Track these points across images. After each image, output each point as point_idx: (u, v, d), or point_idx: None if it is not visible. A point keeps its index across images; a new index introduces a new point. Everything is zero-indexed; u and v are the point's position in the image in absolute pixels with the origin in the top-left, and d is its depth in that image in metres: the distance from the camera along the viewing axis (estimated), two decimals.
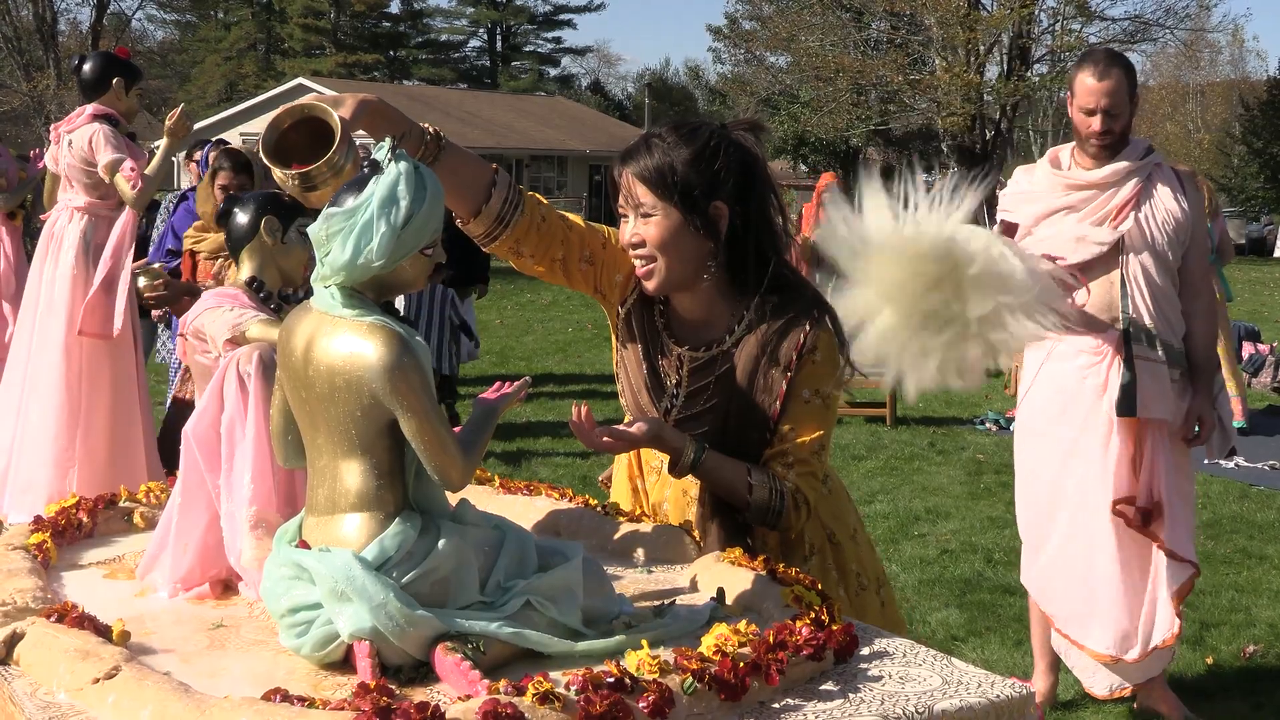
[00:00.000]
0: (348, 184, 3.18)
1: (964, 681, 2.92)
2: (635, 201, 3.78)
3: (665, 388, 3.94)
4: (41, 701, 2.84)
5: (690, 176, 3.73)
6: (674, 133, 3.79)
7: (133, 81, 8.73)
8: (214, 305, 4.63)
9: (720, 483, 3.82)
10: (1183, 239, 6.19)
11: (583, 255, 4.02)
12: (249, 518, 3.67)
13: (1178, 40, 53.11)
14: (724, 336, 3.88)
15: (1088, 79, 6.19)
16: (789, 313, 3.84)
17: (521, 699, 2.58)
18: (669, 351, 3.96)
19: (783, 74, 54.70)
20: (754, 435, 3.86)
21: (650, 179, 3.75)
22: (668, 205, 3.74)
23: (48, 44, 55.24)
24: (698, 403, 3.89)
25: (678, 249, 3.78)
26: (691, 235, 3.77)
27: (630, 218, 3.82)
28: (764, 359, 3.83)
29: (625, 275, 4.02)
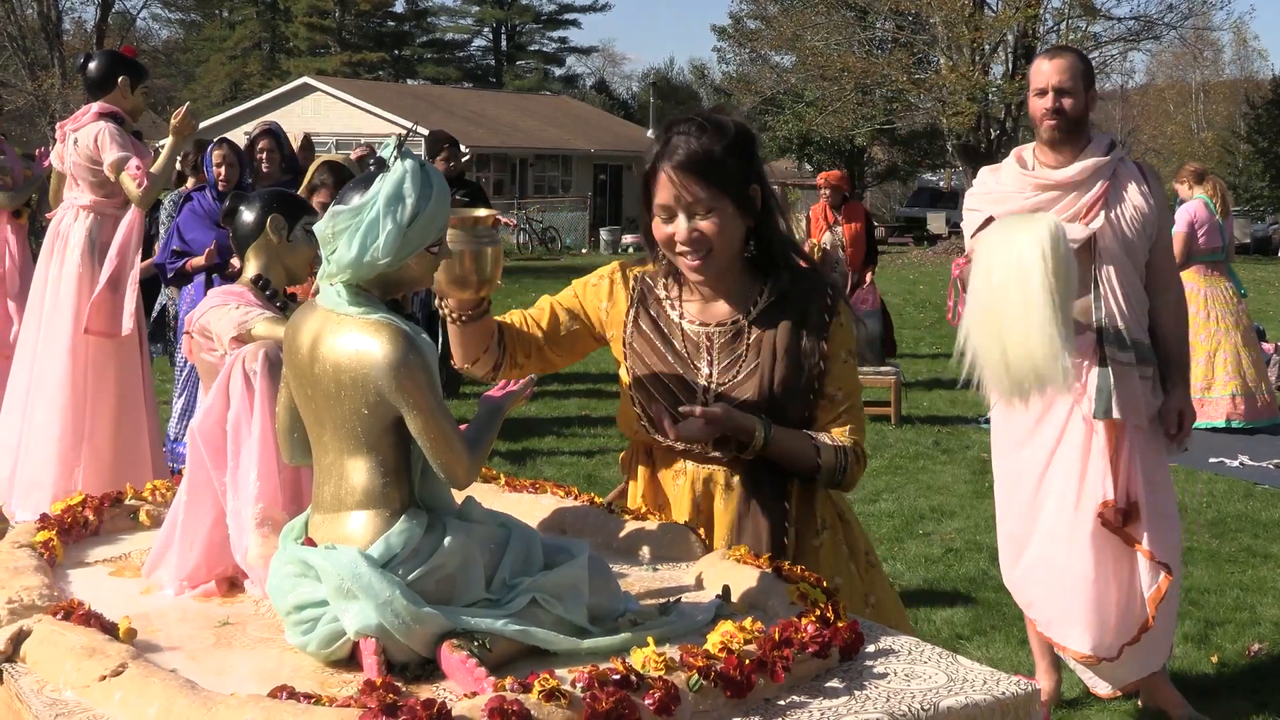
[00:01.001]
0: (354, 181, 3.19)
1: (969, 679, 2.92)
2: (689, 198, 3.86)
3: (698, 369, 4.01)
4: (48, 699, 2.84)
5: (733, 164, 3.85)
6: (702, 126, 3.89)
7: (138, 80, 8.73)
8: (219, 303, 4.63)
9: (789, 453, 3.98)
10: (1150, 234, 6.20)
11: (565, 324, 4.18)
12: (255, 515, 3.68)
13: (1181, 38, 53.07)
14: (748, 309, 4.02)
15: (1040, 63, 6.25)
16: (807, 282, 4.04)
17: (527, 696, 2.58)
18: (692, 335, 4.04)
19: (787, 73, 54.67)
20: (798, 399, 3.99)
21: (703, 172, 3.83)
22: (721, 195, 3.85)
23: (53, 43, 55.22)
24: (733, 373, 3.98)
25: (730, 236, 3.90)
26: (738, 220, 3.91)
27: (679, 215, 3.89)
28: (799, 325, 3.98)
29: (609, 300, 4.18)
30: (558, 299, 4.22)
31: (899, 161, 61.05)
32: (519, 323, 4.15)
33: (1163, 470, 6.36)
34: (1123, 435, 6.15)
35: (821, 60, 48.91)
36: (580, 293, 4.22)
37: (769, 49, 54.97)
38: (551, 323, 4.16)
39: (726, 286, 4.03)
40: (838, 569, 4.14)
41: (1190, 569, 8.72)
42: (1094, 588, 6.20)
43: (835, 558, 4.15)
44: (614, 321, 4.14)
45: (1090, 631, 6.25)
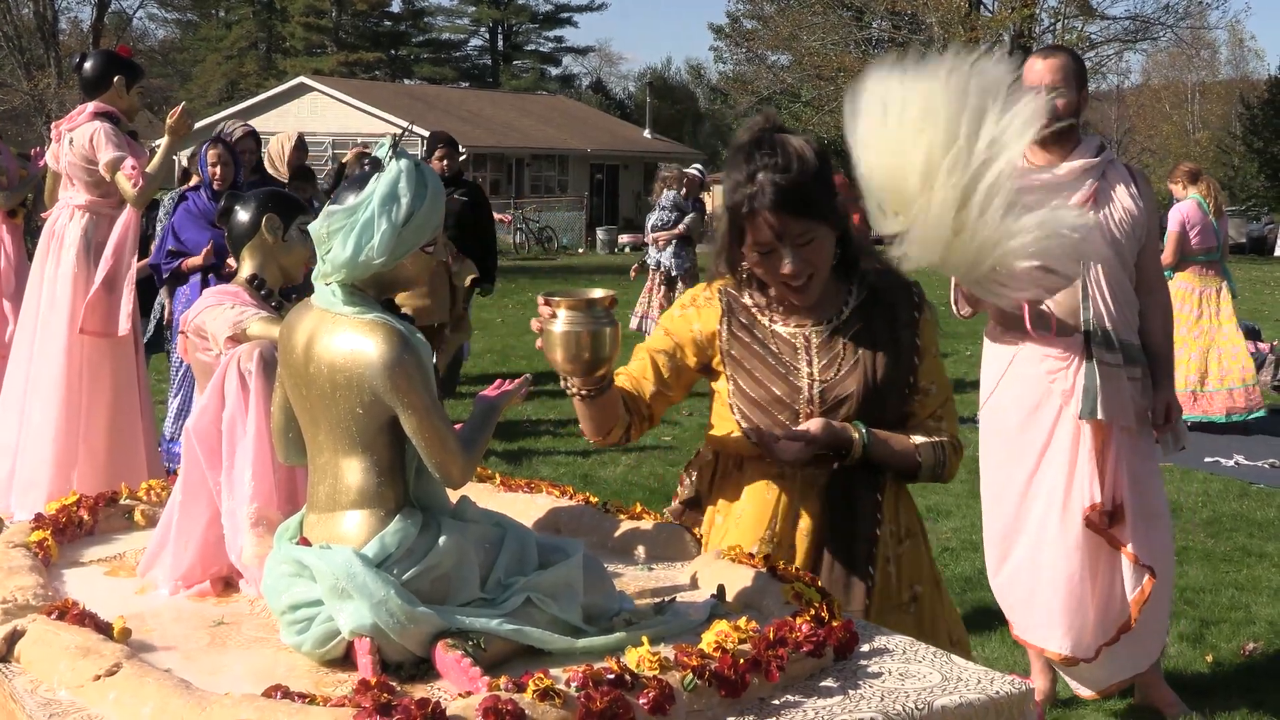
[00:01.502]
0: (349, 181, 3.19)
1: (964, 678, 2.92)
2: (792, 235, 3.87)
3: (798, 369, 4.01)
4: (42, 699, 2.84)
5: (821, 188, 3.89)
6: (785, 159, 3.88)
7: (134, 80, 8.72)
8: (215, 303, 4.63)
9: (891, 454, 4.03)
10: (1139, 235, 6.19)
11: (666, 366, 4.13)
12: (250, 515, 3.68)
13: (1177, 39, 53.08)
14: (839, 308, 4.06)
15: (1034, 62, 6.23)
16: (891, 278, 4.12)
17: (522, 695, 2.58)
18: (787, 337, 4.05)
19: (784, 73, 54.65)
20: (896, 393, 4.03)
21: (798, 209, 3.85)
22: (820, 224, 3.89)
23: (48, 42, 55.20)
24: (834, 370, 4.00)
25: (829, 253, 3.96)
26: (832, 234, 3.95)
27: (783, 252, 3.90)
28: (892, 321, 4.05)
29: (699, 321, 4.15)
30: (650, 346, 4.19)
31: None
32: (631, 385, 4.11)
33: (1151, 471, 6.35)
34: (1110, 437, 6.15)
35: (818, 60, 48.94)
36: (670, 328, 4.19)
37: (766, 49, 54.96)
38: (655, 372, 4.13)
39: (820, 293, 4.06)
40: (917, 577, 4.16)
41: (1185, 568, 8.72)
42: (1076, 589, 6.20)
43: (915, 567, 4.17)
44: (709, 338, 4.12)
45: (1069, 633, 6.25)
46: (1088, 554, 6.19)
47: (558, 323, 3.52)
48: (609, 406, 3.90)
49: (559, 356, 3.57)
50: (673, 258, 18.21)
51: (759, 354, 4.04)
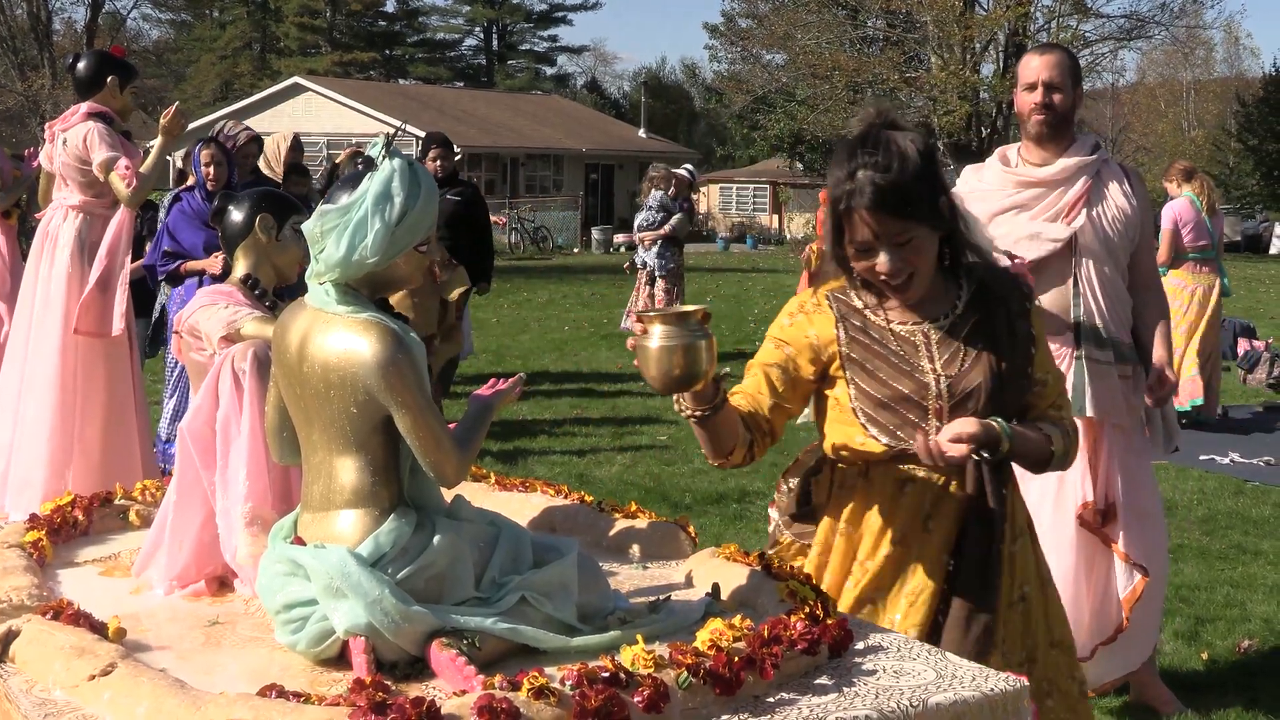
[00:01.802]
0: (342, 180, 3.19)
1: (958, 676, 2.92)
2: (890, 234, 3.83)
3: (920, 366, 3.97)
4: (37, 698, 2.84)
5: (924, 189, 3.83)
6: (887, 158, 3.83)
7: (128, 80, 8.72)
8: (208, 303, 4.63)
9: (1028, 447, 3.97)
10: (1132, 235, 6.18)
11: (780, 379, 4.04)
12: (244, 514, 3.68)
13: (1173, 37, 53.08)
14: (953, 303, 4.02)
15: (1030, 59, 6.21)
16: (996, 271, 4.12)
17: (517, 694, 2.58)
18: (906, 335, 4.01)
19: (779, 72, 54.61)
20: (1017, 384, 3.99)
21: (897, 208, 3.80)
22: (919, 224, 3.84)
23: (42, 43, 55.14)
24: (958, 364, 3.96)
25: (930, 253, 3.92)
26: (934, 235, 3.90)
27: (880, 251, 3.86)
28: (1007, 313, 4.01)
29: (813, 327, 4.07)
30: (762, 360, 4.10)
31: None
32: (748, 403, 4.02)
33: (1145, 470, 6.35)
34: (1102, 434, 6.15)
35: (813, 59, 48.88)
36: (782, 337, 4.10)
37: (761, 47, 54.91)
38: (770, 386, 4.04)
39: (929, 289, 4.02)
40: (1026, 577, 4.11)
41: (1181, 566, 8.72)
42: (1070, 588, 6.19)
43: (1025, 566, 4.12)
44: (826, 344, 4.04)
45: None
46: (1082, 553, 6.19)
47: (652, 339, 3.46)
48: (726, 427, 3.81)
49: (654, 372, 3.51)
50: (656, 258, 18.24)
51: (880, 354, 3.98)
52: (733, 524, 9.98)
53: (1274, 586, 8.56)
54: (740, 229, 61.18)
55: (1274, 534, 9.76)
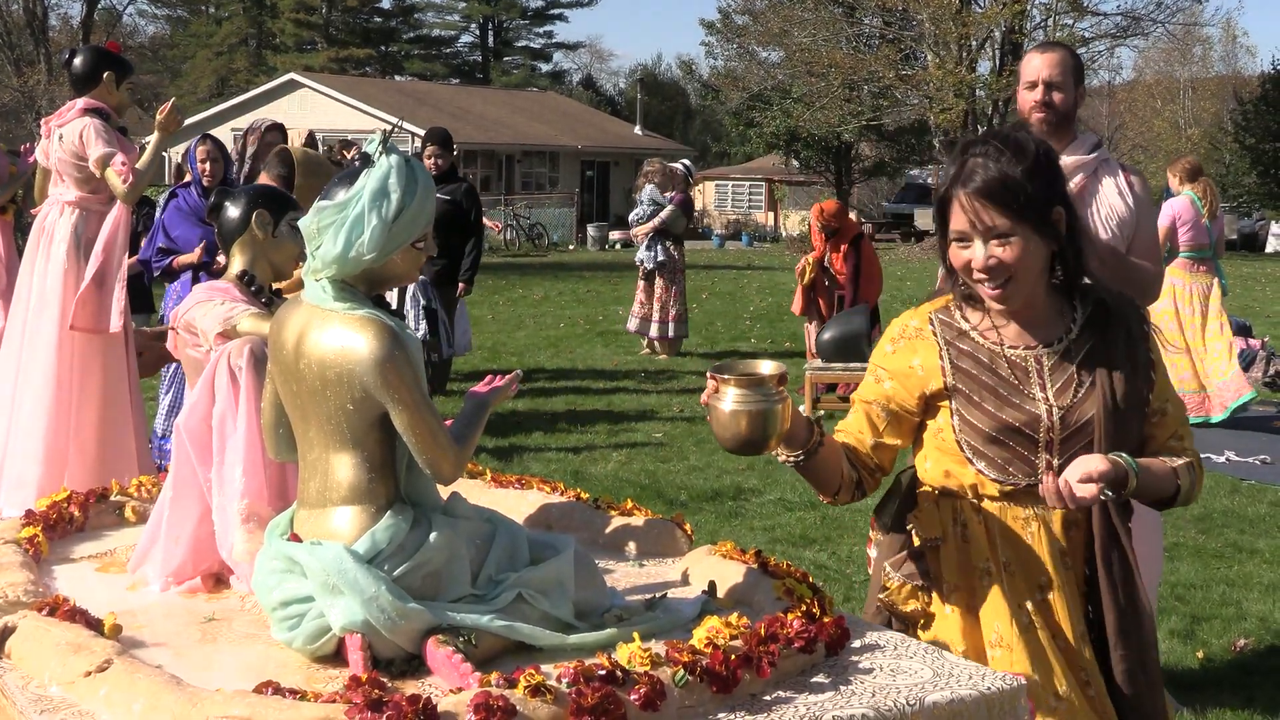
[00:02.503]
0: (339, 176, 3.18)
1: (955, 674, 2.92)
2: (986, 225, 3.65)
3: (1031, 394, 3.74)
4: (33, 695, 2.84)
5: (1035, 188, 3.64)
6: (1000, 148, 3.68)
7: (124, 76, 8.70)
8: (205, 299, 4.62)
9: (1154, 484, 3.72)
10: (1127, 235, 6.17)
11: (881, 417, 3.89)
12: (240, 511, 3.68)
13: (1169, 35, 53.10)
14: (1068, 326, 3.79)
15: (1033, 57, 6.17)
16: (1115, 295, 3.86)
17: (513, 691, 2.58)
18: (1018, 360, 3.79)
19: (775, 69, 54.64)
20: (1136, 414, 3.76)
21: (1001, 199, 3.63)
22: (1021, 223, 3.64)
23: (38, 39, 55.15)
24: (1071, 393, 3.74)
25: (1033, 262, 3.68)
26: (1040, 246, 3.68)
27: (975, 242, 3.67)
28: (1127, 339, 3.77)
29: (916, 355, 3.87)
30: (862, 396, 3.93)
31: (886, 157, 60.91)
32: (852, 440, 3.89)
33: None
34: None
35: (809, 56, 48.90)
36: (885, 366, 3.90)
37: (757, 45, 54.93)
38: (870, 425, 3.88)
39: (1037, 310, 3.80)
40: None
41: (1176, 564, 8.73)
42: None
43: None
44: (930, 373, 3.83)
45: None
46: None
47: (724, 400, 3.40)
48: (827, 468, 3.76)
49: (724, 435, 3.44)
50: (647, 250, 18.22)
51: (987, 384, 3.76)
52: (728, 521, 9.98)
53: (1270, 585, 8.56)
54: (736, 226, 61.22)
55: (1269, 532, 9.77)
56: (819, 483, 3.81)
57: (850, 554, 9.17)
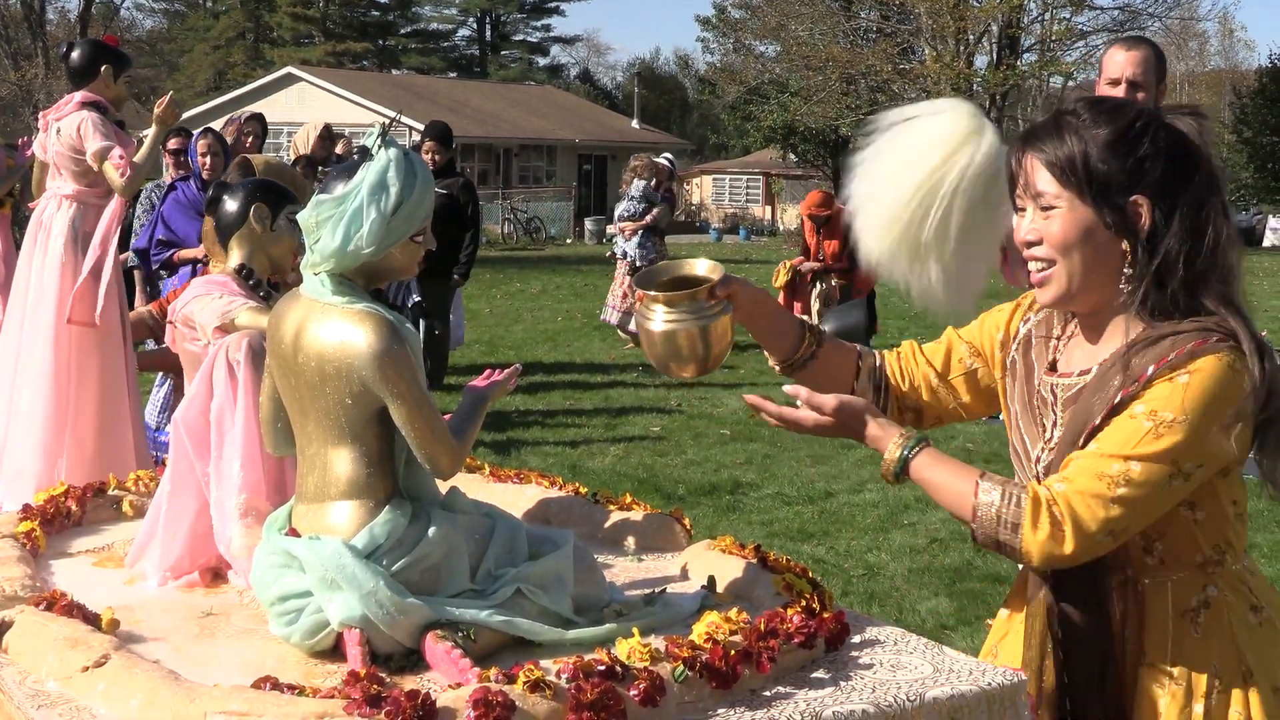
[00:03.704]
0: (337, 170, 3.18)
1: (955, 669, 2.92)
2: (1035, 191, 3.12)
3: (1044, 428, 3.25)
4: (31, 690, 2.84)
5: (1106, 162, 3.06)
6: (1091, 109, 3.13)
7: (121, 69, 8.70)
8: (203, 293, 4.62)
9: (940, 488, 3.14)
10: None
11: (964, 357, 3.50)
12: (238, 505, 3.67)
13: (1167, 29, 53.13)
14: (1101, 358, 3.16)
15: (1115, 53, 6.09)
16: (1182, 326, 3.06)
17: (512, 687, 2.58)
18: (1046, 385, 3.28)
19: (772, 63, 54.72)
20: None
21: (1057, 163, 3.09)
22: (1075, 196, 3.08)
23: (36, 32, 55.21)
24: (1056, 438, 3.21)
25: (1083, 251, 3.09)
26: (1102, 235, 3.08)
27: (1029, 210, 3.16)
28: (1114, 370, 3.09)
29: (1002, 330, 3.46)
30: (960, 329, 3.53)
31: None
32: (907, 357, 3.53)
33: None
34: None
35: (806, 50, 49.00)
36: (985, 319, 3.51)
37: (754, 38, 55.03)
38: (946, 357, 3.50)
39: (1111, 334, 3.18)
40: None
41: None
42: None
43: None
44: (996, 356, 3.46)
45: None
46: None
47: (654, 319, 3.19)
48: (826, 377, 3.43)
49: (655, 356, 3.25)
50: (637, 248, 18.21)
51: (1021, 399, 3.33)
52: (726, 515, 9.98)
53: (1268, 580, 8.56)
54: (733, 220, 61.24)
55: (1267, 527, 9.77)
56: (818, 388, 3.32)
57: (849, 548, 9.17)
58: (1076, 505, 2.95)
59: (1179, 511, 3.09)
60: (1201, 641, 3.12)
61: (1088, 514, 2.95)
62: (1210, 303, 3.08)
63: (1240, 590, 3.19)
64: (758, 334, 3.45)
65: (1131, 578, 3.17)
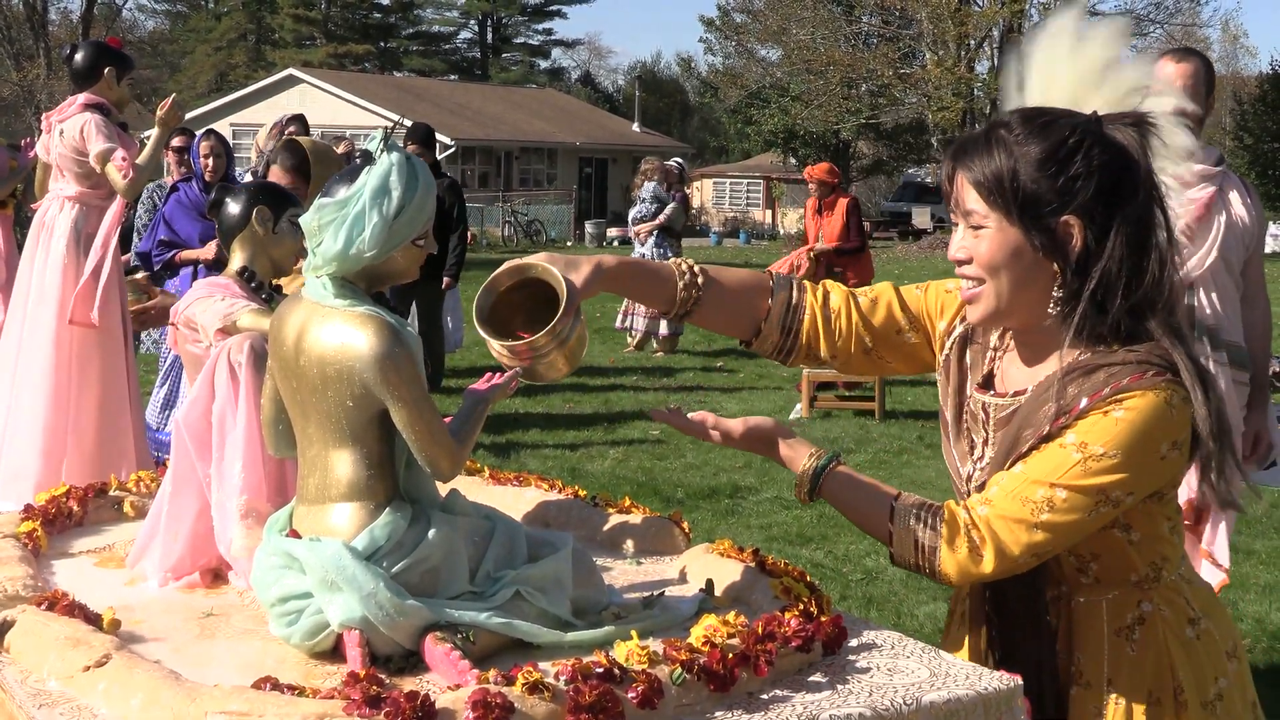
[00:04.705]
0: (339, 174, 3.19)
1: (952, 674, 2.93)
2: (964, 209, 3.05)
3: (974, 444, 3.20)
4: (32, 689, 2.84)
5: (1036, 182, 2.97)
6: (1024, 124, 3.03)
7: (124, 71, 8.72)
8: (205, 295, 4.63)
9: (855, 508, 3.12)
10: (1248, 244, 6.16)
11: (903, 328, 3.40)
12: (239, 507, 3.68)
13: (1168, 35, 53.12)
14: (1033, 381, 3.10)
15: (1165, 65, 5.99)
16: (1117, 356, 2.99)
17: (511, 689, 2.58)
18: (979, 402, 3.21)
19: (773, 67, 54.78)
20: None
21: (984, 182, 3.00)
22: (1003, 217, 3.00)
23: (38, 33, 55.23)
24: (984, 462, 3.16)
25: (1012, 272, 3.02)
26: (1030, 256, 3.01)
27: (960, 227, 3.09)
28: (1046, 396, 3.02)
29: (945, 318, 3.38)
30: (906, 294, 3.42)
31: (884, 156, 61.02)
32: (840, 310, 3.38)
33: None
34: None
35: (808, 54, 49.05)
36: (928, 295, 3.41)
37: (755, 42, 55.06)
38: (885, 325, 3.39)
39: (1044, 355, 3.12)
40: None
41: None
42: None
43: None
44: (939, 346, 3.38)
45: None
46: None
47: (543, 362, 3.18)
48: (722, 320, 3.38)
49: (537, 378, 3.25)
50: (654, 249, 18.22)
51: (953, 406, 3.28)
52: (724, 519, 9.99)
53: (1266, 586, 8.58)
54: (733, 224, 61.27)
55: (1266, 534, 9.78)
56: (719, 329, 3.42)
57: (847, 553, 9.18)
58: (999, 529, 2.95)
59: (1113, 534, 3.06)
60: (1137, 659, 3.10)
61: (1010, 538, 2.94)
62: (1154, 328, 3.00)
63: (1177, 603, 3.15)
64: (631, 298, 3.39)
65: (1066, 594, 3.16)
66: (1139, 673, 3.10)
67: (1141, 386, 2.91)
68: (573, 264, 3.25)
